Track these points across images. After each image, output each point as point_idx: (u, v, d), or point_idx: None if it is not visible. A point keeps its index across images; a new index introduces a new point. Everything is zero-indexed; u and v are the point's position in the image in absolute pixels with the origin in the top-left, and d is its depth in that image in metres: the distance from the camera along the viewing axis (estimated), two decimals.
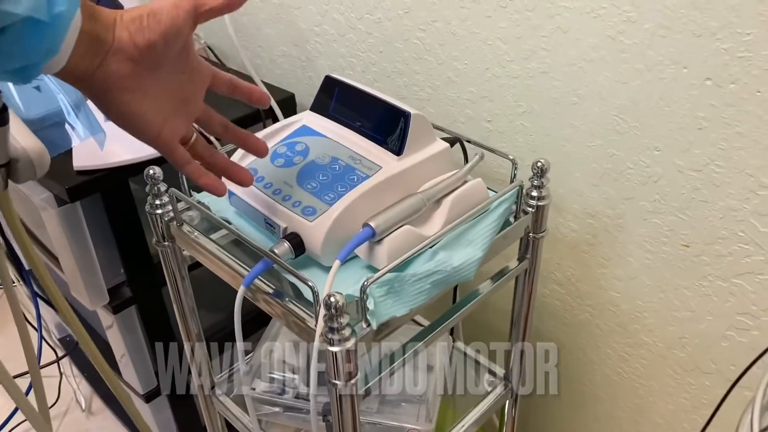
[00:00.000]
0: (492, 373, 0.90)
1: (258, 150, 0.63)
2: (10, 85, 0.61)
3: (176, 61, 0.53)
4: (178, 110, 0.55)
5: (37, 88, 0.61)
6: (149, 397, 1.14)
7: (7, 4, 0.39)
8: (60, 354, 1.37)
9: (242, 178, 0.62)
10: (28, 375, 0.78)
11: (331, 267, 0.59)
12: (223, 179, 0.61)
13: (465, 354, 0.94)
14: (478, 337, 1.05)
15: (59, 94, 0.61)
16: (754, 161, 0.66)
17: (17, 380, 0.73)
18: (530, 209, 0.71)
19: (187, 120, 0.57)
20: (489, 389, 0.88)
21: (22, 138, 0.55)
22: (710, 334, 0.78)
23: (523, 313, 0.81)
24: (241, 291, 0.61)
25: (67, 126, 0.60)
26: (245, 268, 0.65)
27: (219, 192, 0.59)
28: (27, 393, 1.24)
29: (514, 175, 0.73)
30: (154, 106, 0.52)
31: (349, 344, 0.54)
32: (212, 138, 0.78)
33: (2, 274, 0.72)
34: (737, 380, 0.59)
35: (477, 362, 0.93)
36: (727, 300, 0.74)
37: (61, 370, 1.43)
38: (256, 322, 0.94)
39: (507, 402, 0.90)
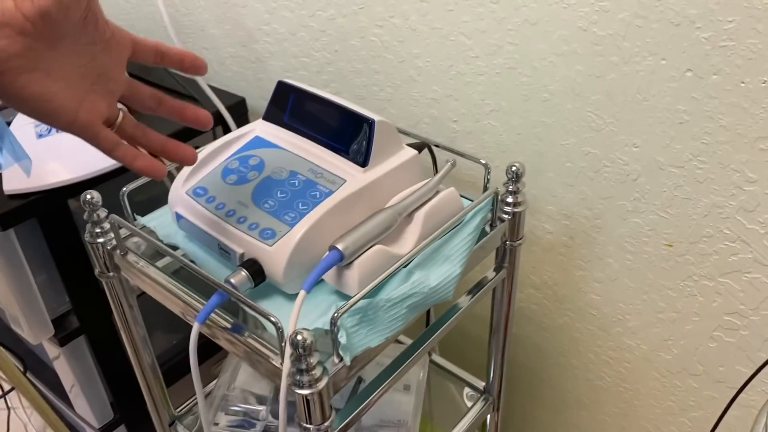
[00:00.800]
0: (471, 386, 0.86)
1: (199, 120, 0.55)
2: None
3: (82, 31, 0.45)
4: (95, 88, 0.47)
5: None
6: (105, 430, 1.07)
7: None
8: (6, 388, 1.27)
9: (184, 154, 0.54)
10: None
11: (294, 295, 0.53)
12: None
13: (442, 368, 0.89)
14: (453, 348, 1.00)
15: None
16: (739, 156, 0.62)
17: None
18: (506, 216, 0.66)
19: (109, 98, 0.49)
20: (469, 404, 0.83)
21: None
22: (697, 335, 0.74)
23: (503, 323, 0.76)
24: (195, 329, 0.54)
25: None
26: (200, 301, 0.58)
27: (158, 174, 0.52)
28: None
29: (488, 180, 0.68)
30: (63, 86, 0.45)
31: (321, 385, 0.48)
32: None
33: None
34: (742, 388, 0.55)
35: (455, 375, 0.88)
36: (714, 300, 0.71)
37: (9, 404, 1.34)
38: (211, 347, 0.87)
39: (489, 417, 0.85)
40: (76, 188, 0.83)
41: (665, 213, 0.70)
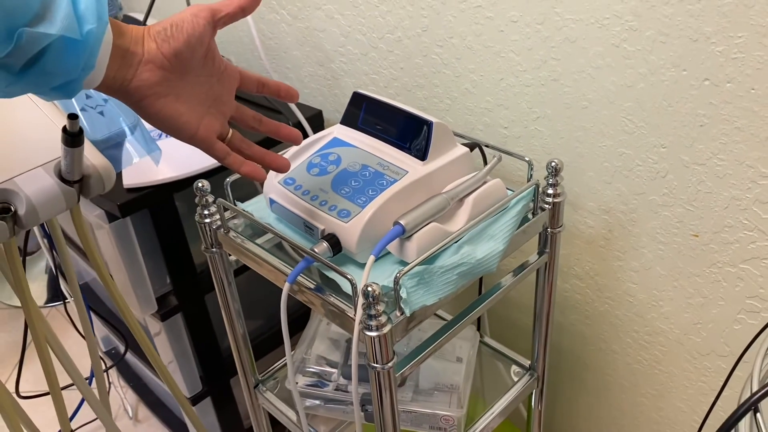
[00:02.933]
0: (518, 364, 0.96)
1: (292, 137, 0.69)
2: (78, 110, 0.69)
3: (203, 66, 0.59)
4: (211, 110, 0.61)
5: (101, 113, 0.69)
6: (194, 400, 1.21)
7: (44, 27, 0.45)
8: (108, 364, 1.45)
9: (279, 164, 0.67)
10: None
11: (365, 264, 0.65)
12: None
13: (491, 347, 1.00)
14: (503, 333, 1.10)
15: (120, 117, 0.69)
16: (753, 153, 0.71)
17: (65, 392, 0.80)
18: (547, 206, 0.76)
19: (221, 118, 0.62)
20: (516, 379, 0.93)
21: (92, 157, 0.62)
22: (723, 318, 0.82)
23: (545, 306, 0.86)
24: (286, 288, 0.67)
25: (127, 145, 0.68)
26: (288, 267, 0.71)
27: (259, 177, 0.65)
28: (80, 406, 1.32)
29: (531, 175, 0.79)
30: (188, 108, 0.58)
31: (386, 329, 0.60)
32: None
33: (73, 289, 0.80)
34: (741, 356, 0.64)
35: (503, 354, 0.98)
36: (737, 285, 0.79)
37: (109, 381, 1.51)
38: (291, 329, 1.00)
39: (534, 392, 0.95)
40: (182, 184, 0.99)
41: (691, 206, 0.79)
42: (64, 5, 0.46)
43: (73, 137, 0.58)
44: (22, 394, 1.09)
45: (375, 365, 0.62)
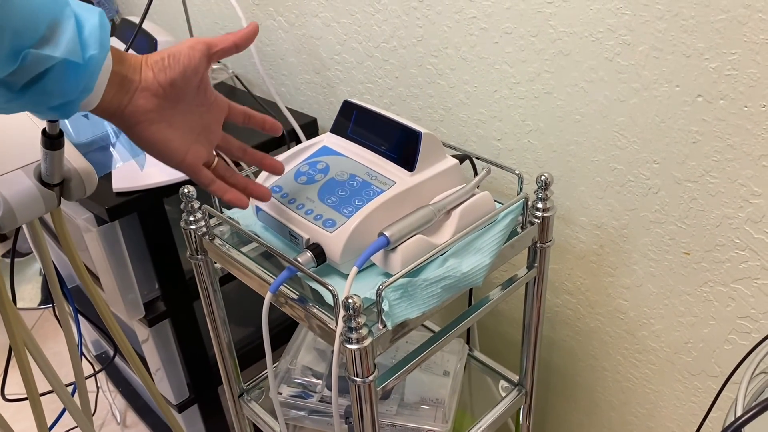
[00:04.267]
0: (507, 379, 0.94)
1: (274, 168, 0.71)
2: None
3: (195, 96, 0.61)
4: (200, 138, 0.63)
5: (86, 116, 0.68)
6: (182, 407, 1.20)
7: (49, 49, 0.47)
8: (97, 368, 1.44)
9: (260, 193, 0.69)
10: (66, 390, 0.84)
11: (349, 275, 0.64)
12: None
13: (480, 362, 0.99)
14: (494, 347, 1.09)
15: (105, 121, 0.68)
16: (745, 171, 0.70)
17: (47, 397, 0.78)
18: (536, 220, 0.75)
19: (209, 146, 0.64)
20: (504, 394, 0.92)
21: (74, 160, 0.62)
22: (714, 338, 0.81)
23: (534, 321, 0.85)
24: (267, 297, 0.66)
25: (111, 149, 0.67)
26: (272, 276, 0.70)
27: (242, 205, 0.66)
28: (64, 410, 1.30)
29: (521, 188, 0.78)
30: (178, 134, 0.60)
31: (367, 342, 0.59)
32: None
33: (54, 291, 0.79)
34: (729, 377, 0.63)
35: (492, 369, 0.97)
36: (728, 304, 0.78)
37: (98, 385, 1.50)
38: (279, 339, 0.99)
39: (522, 408, 0.93)
40: (171, 189, 0.98)
41: (683, 223, 0.78)
42: (69, 30, 0.48)
43: (52, 140, 0.57)
44: (9, 397, 1.08)
45: (355, 379, 0.61)
